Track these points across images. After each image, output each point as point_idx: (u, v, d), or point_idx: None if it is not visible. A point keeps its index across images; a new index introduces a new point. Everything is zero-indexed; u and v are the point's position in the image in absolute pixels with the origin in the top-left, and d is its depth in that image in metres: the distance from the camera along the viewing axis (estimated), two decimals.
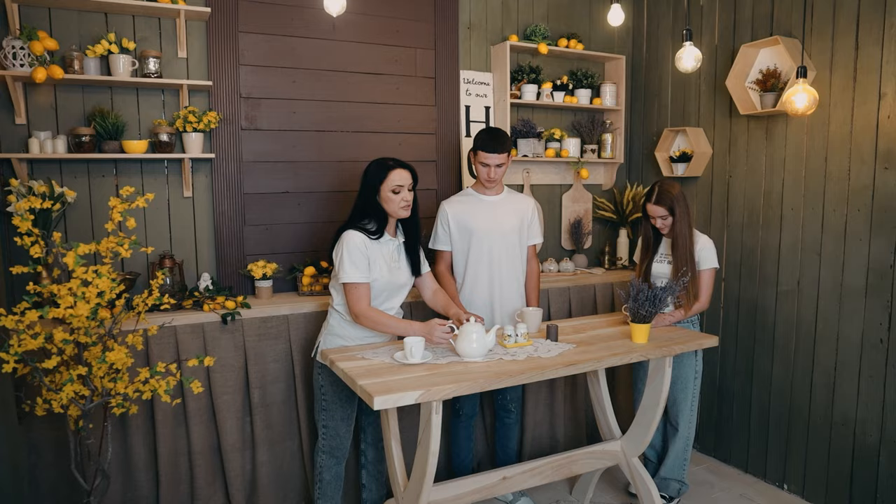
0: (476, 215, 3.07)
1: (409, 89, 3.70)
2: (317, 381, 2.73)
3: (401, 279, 2.71)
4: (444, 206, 3.12)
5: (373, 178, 2.62)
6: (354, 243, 2.56)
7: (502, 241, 3.09)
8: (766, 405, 3.56)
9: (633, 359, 2.68)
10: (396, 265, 2.69)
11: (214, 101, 3.22)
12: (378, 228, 2.64)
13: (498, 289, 3.11)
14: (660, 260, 3.18)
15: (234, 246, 3.33)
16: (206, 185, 3.28)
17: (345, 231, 2.60)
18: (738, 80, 3.52)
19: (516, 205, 3.16)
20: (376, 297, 2.66)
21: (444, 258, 3.15)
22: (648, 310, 2.70)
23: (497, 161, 2.97)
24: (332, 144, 3.50)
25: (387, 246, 2.67)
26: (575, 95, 4.07)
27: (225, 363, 2.99)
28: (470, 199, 3.13)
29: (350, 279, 2.55)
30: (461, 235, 3.09)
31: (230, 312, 2.96)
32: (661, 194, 3.02)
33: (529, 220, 3.18)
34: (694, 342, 2.86)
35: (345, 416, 2.72)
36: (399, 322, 2.61)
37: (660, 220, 3.05)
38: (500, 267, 3.10)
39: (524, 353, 2.62)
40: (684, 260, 2.99)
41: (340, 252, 2.57)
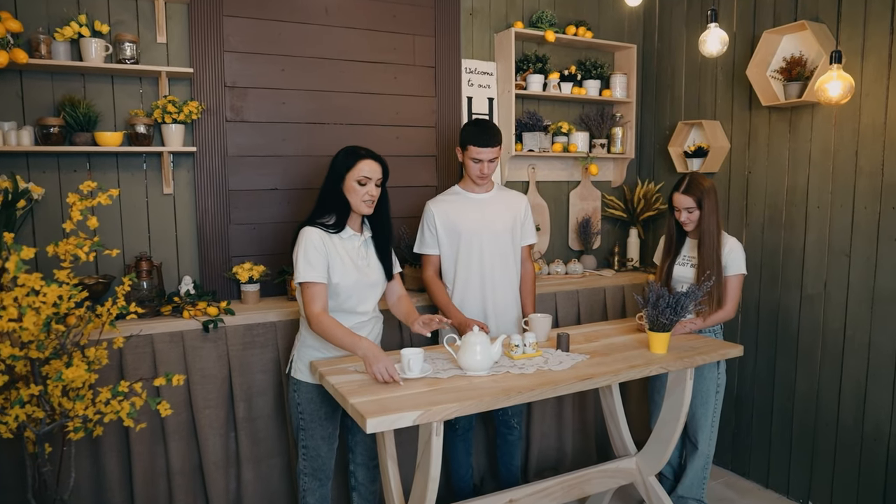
0: (464, 215, 2.83)
1: (407, 79, 3.46)
2: (292, 400, 2.48)
3: (371, 277, 2.46)
4: (429, 206, 2.87)
5: (340, 165, 2.39)
6: (310, 240, 2.31)
7: (494, 242, 2.85)
8: (788, 416, 3.32)
9: (652, 371, 2.44)
10: (365, 262, 2.45)
11: (196, 91, 2.97)
12: (337, 222, 2.39)
13: (491, 294, 2.87)
14: (682, 262, 2.94)
15: (219, 247, 3.09)
16: (188, 181, 3.05)
17: (301, 229, 2.37)
18: (760, 69, 3.29)
19: (508, 202, 2.92)
20: (346, 299, 2.40)
21: (433, 262, 2.90)
22: (670, 317, 2.47)
23: (490, 155, 2.75)
24: (325, 138, 3.26)
25: (351, 242, 2.42)
26: (583, 86, 3.83)
27: (207, 374, 2.75)
28: (457, 197, 2.88)
29: (304, 278, 2.29)
30: (449, 237, 2.84)
31: (212, 319, 2.72)
32: (690, 184, 2.80)
33: (523, 218, 2.95)
34: (717, 352, 2.63)
35: (325, 434, 2.47)
36: (347, 335, 2.29)
37: (685, 212, 2.81)
38: (493, 270, 2.86)
39: (533, 365, 2.39)
40: (710, 262, 2.76)
41: (296, 250, 2.34)
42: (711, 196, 2.78)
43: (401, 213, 3.45)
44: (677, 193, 2.83)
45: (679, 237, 2.97)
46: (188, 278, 2.96)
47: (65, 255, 1.84)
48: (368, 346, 2.24)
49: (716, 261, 2.78)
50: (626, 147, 4.00)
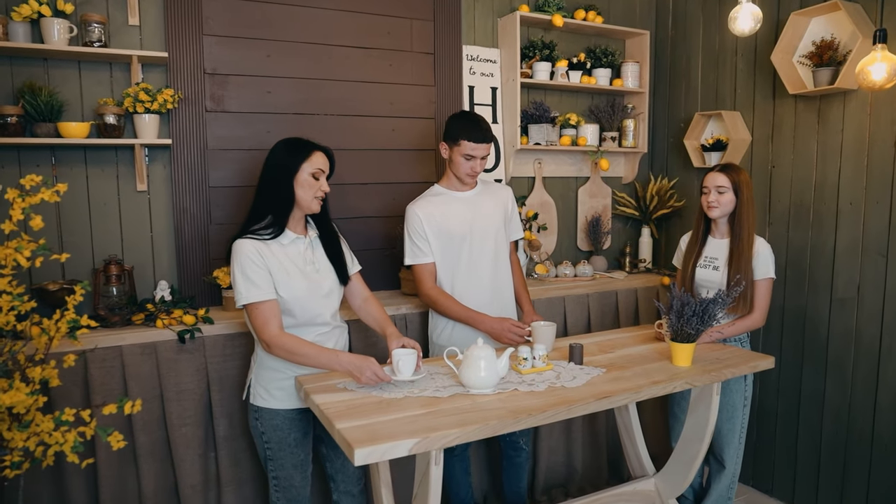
0: (454, 216, 2.56)
1: (404, 66, 3.20)
2: (255, 429, 2.20)
3: (324, 284, 2.17)
4: (412, 210, 2.56)
5: (290, 157, 2.10)
6: (245, 255, 2.02)
7: (490, 243, 2.60)
8: (816, 429, 3.07)
9: (676, 387, 2.19)
10: (313, 268, 2.16)
11: (173, 78, 2.72)
12: (274, 223, 2.09)
13: (495, 299, 2.62)
14: (704, 265, 2.69)
15: (199, 249, 2.84)
16: (165, 176, 2.79)
17: (233, 244, 2.07)
18: (786, 55, 3.03)
19: (495, 196, 2.67)
20: (300, 313, 2.12)
21: (430, 273, 2.58)
22: (696, 327, 2.21)
23: (485, 152, 2.49)
24: (313, 130, 3.00)
25: (294, 247, 2.13)
26: (593, 75, 3.57)
27: (183, 389, 2.50)
28: (443, 198, 2.59)
29: (250, 299, 2.01)
30: (441, 242, 2.55)
31: (188, 329, 2.47)
32: (729, 165, 2.62)
33: (510, 211, 2.72)
34: (746, 364, 2.37)
35: (297, 462, 2.20)
36: (322, 352, 2.06)
37: (715, 192, 2.57)
38: (493, 272, 2.62)
39: (544, 381, 2.14)
40: (743, 262, 2.52)
41: (232, 270, 2.05)
42: (749, 187, 2.58)
43: (396, 211, 3.19)
44: (711, 173, 2.62)
45: (703, 236, 2.72)
46: (164, 283, 2.71)
47: (5, 259, 1.58)
48: (349, 359, 2.03)
49: (748, 262, 2.54)
50: (639, 140, 3.75)
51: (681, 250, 2.82)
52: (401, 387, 2.06)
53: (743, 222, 2.57)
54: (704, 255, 2.70)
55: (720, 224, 2.66)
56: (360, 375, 2.01)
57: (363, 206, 3.15)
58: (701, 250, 2.71)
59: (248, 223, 2.12)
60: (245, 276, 2.01)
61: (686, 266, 2.73)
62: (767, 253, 2.59)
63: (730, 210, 2.60)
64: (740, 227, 2.56)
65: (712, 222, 2.69)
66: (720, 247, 2.66)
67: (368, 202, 3.17)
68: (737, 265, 2.55)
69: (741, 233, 2.56)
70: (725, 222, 2.64)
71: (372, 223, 3.17)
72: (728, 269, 2.58)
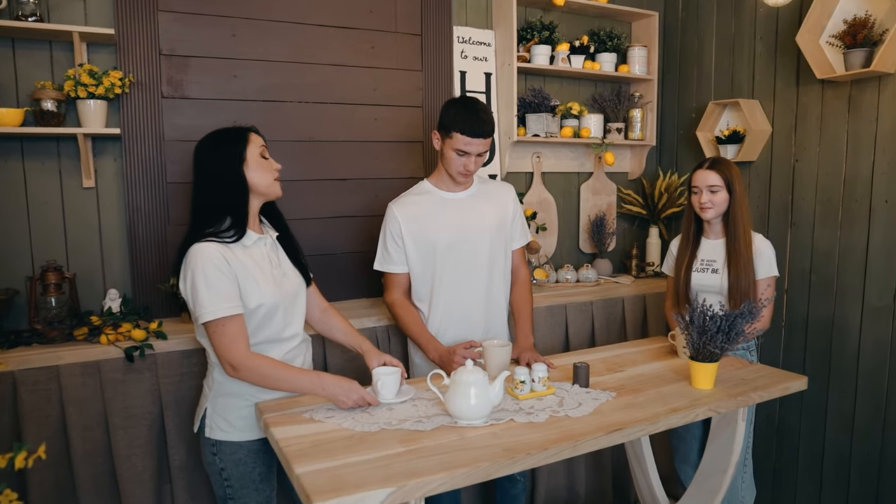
0: (439, 221, 2.20)
1: (388, 49, 2.88)
2: (212, 465, 1.86)
3: (292, 287, 1.89)
4: (391, 209, 2.23)
5: (229, 146, 1.78)
6: (209, 261, 1.69)
7: (481, 254, 2.23)
8: (845, 453, 2.77)
9: (699, 415, 1.88)
10: (280, 271, 1.87)
11: (124, 59, 2.40)
12: (235, 223, 1.78)
13: (480, 320, 2.28)
14: (701, 268, 2.40)
15: (155, 252, 2.52)
16: (115, 171, 2.47)
17: (190, 247, 1.73)
18: (812, 36, 2.72)
19: (493, 198, 2.29)
20: (267, 324, 1.81)
21: (399, 283, 2.25)
22: (721, 345, 1.90)
23: (481, 148, 2.10)
24: (286, 119, 2.69)
25: (257, 248, 1.83)
26: (597, 60, 3.26)
27: (132, 414, 2.19)
28: (428, 198, 2.23)
29: (217, 314, 1.68)
30: (420, 251, 2.21)
31: (138, 346, 2.15)
32: (717, 161, 2.35)
33: (512, 214, 2.32)
34: (777, 386, 2.06)
35: (262, 499, 1.88)
36: (301, 374, 1.77)
37: (707, 192, 2.31)
38: (487, 289, 2.26)
39: (544, 408, 1.83)
40: (744, 262, 2.26)
41: (190, 279, 1.70)
42: (741, 181, 2.32)
43: (378, 210, 2.87)
44: (700, 170, 2.35)
45: (695, 237, 2.44)
46: (114, 292, 2.40)
47: None
48: (334, 382, 1.77)
49: (748, 261, 2.27)
50: (646, 132, 3.43)
51: (672, 255, 2.53)
52: (376, 416, 1.75)
53: (738, 220, 2.32)
54: (700, 258, 2.43)
55: (714, 224, 2.39)
56: (347, 399, 1.76)
57: (341, 205, 2.83)
58: (695, 253, 2.43)
59: (199, 225, 1.79)
60: (210, 287, 1.68)
61: (679, 272, 2.44)
62: (769, 250, 2.35)
63: (724, 209, 2.33)
64: (735, 225, 2.32)
65: (704, 223, 2.41)
66: (716, 248, 2.39)
67: (347, 200, 2.85)
68: (736, 266, 2.30)
69: (737, 231, 2.32)
70: (719, 222, 2.39)
71: (351, 224, 2.86)
72: (728, 270, 2.30)
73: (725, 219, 2.34)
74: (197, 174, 1.80)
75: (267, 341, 1.83)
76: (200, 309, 1.69)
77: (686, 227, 2.45)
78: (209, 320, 1.69)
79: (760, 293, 2.26)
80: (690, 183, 2.36)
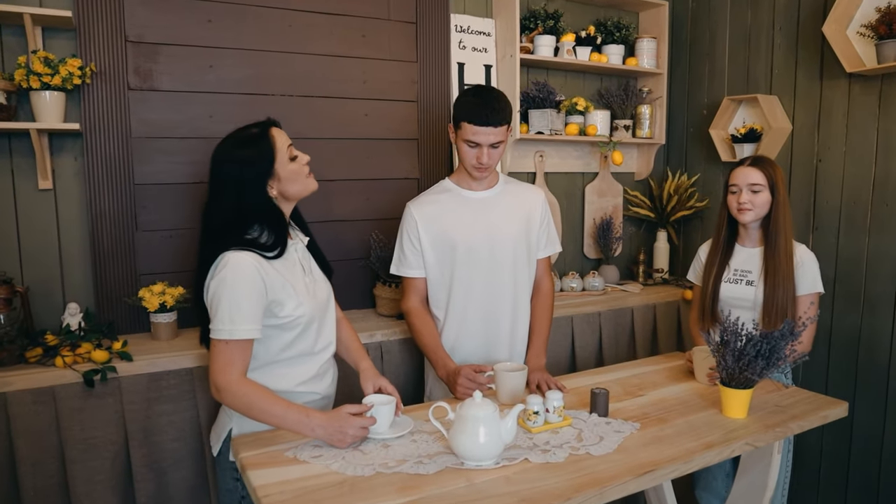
0: (459, 221, 2.00)
1: (380, 37, 2.64)
2: (231, 493, 1.64)
3: (323, 295, 1.75)
4: (409, 209, 2.06)
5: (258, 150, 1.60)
6: (242, 275, 1.52)
7: (503, 259, 2.03)
8: (872, 474, 2.58)
9: (735, 450, 1.66)
10: (311, 278, 1.72)
11: (84, 45, 2.15)
12: (278, 237, 1.62)
13: (500, 331, 2.07)
14: (734, 279, 2.17)
15: (121, 262, 2.27)
16: (76, 171, 2.22)
17: (224, 254, 1.54)
18: (840, 26, 2.52)
19: (519, 199, 2.08)
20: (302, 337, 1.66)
21: (416, 289, 2.06)
22: (761, 371, 1.69)
23: (493, 138, 1.89)
24: (268, 114, 2.36)
25: (290, 254, 1.67)
26: (604, 52, 3.04)
27: (93, 445, 1.94)
28: (448, 197, 2.05)
29: (234, 335, 1.51)
30: (438, 253, 2.02)
31: (98, 369, 1.90)
32: (761, 159, 2.11)
33: (540, 220, 2.11)
34: (816, 414, 1.84)
35: None
36: (290, 409, 1.54)
37: (747, 191, 2.07)
38: (505, 300, 2.05)
39: (562, 444, 1.60)
40: (782, 274, 2.03)
41: (215, 288, 1.53)
42: (785, 184, 2.09)
43: (372, 213, 2.65)
44: (741, 167, 2.11)
45: (728, 244, 2.21)
46: (74, 306, 2.15)
47: None
48: (321, 423, 1.54)
49: (788, 273, 2.04)
50: (655, 130, 3.22)
51: (700, 262, 2.30)
52: (370, 455, 1.52)
53: (780, 226, 2.08)
54: (732, 267, 2.19)
55: (751, 229, 2.15)
56: (343, 440, 1.54)
57: (329, 209, 2.59)
58: (726, 262, 2.20)
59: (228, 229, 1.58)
60: (234, 305, 1.51)
61: (707, 281, 2.21)
62: (812, 263, 2.11)
63: (765, 213, 2.09)
64: (777, 232, 2.08)
65: (740, 227, 2.18)
66: (752, 257, 2.15)
67: (335, 203, 2.60)
68: (774, 279, 2.07)
69: (778, 239, 2.08)
70: (757, 227, 2.14)
71: (339, 229, 2.61)
72: (764, 283, 2.08)
73: (765, 224, 2.11)
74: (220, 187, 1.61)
75: (301, 355, 1.68)
76: (217, 323, 1.52)
77: (718, 232, 2.21)
78: (221, 338, 1.51)
79: (802, 312, 2.04)
80: (728, 181, 2.13)
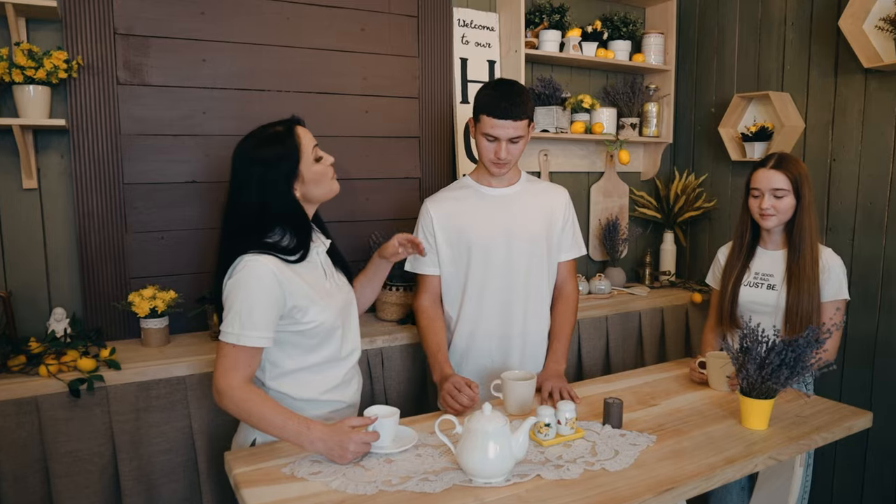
0: (477, 219, 1.93)
1: (379, 31, 2.55)
2: None
3: (344, 297, 1.71)
4: (426, 206, 1.99)
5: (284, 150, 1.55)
6: (259, 281, 1.47)
7: (519, 260, 1.94)
8: (889, 485, 2.49)
9: (758, 465, 1.58)
10: (333, 282, 1.68)
11: (71, 37, 2.05)
12: (301, 240, 1.58)
13: (514, 335, 1.98)
14: (755, 283, 2.08)
15: (110, 265, 2.17)
16: (63, 170, 2.13)
17: (243, 257, 1.49)
18: (857, 20, 2.43)
19: (541, 198, 2.00)
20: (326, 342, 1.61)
21: (429, 287, 1.99)
22: (785, 380, 1.60)
23: (512, 132, 1.82)
24: (262, 110, 2.35)
25: (313, 260, 1.63)
26: (610, 48, 2.95)
27: (79, 458, 1.85)
28: (467, 193, 1.98)
29: (239, 341, 1.46)
30: (454, 251, 1.95)
31: (85, 378, 1.81)
32: (784, 159, 1.99)
33: (563, 221, 2.02)
34: (839, 425, 1.76)
35: None
36: (290, 419, 1.46)
37: (770, 196, 1.97)
38: (519, 300, 1.97)
39: (575, 459, 1.51)
40: (806, 279, 1.94)
41: (230, 290, 1.49)
42: (811, 185, 1.98)
43: (371, 214, 2.56)
44: (763, 170, 2.00)
45: (749, 246, 2.11)
46: (60, 311, 2.05)
47: None
48: (321, 436, 1.45)
49: (814, 278, 1.95)
50: (663, 128, 3.13)
51: (719, 265, 2.21)
52: (373, 470, 1.42)
53: (805, 230, 1.98)
54: (753, 270, 2.10)
55: (774, 232, 2.06)
56: (343, 455, 1.44)
57: (326, 209, 2.47)
58: (747, 265, 2.11)
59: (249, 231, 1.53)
60: (246, 310, 1.46)
61: (726, 285, 2.12)
62: (839, 269, 2.02)
63: (788, 217, 2.00)
64: (801, 236, 1.98)
65: (762, 229, 2.08)
66: (774, 260, 2.06)
67: (333, 204, 2.45)
68: (799, 285, 1.97)
69: (802, 243, 1.98)
70: (781, 230, 2.05)
71: (337, 230, 2.45)
72: (787, 288, 1.98)
73: (789, 227, 2.01)
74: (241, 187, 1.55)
75: (326, 361, 1.64)
76: (227, 326, 1.48)
77: (739, 234, 2.11)
78: (230, 342, 1.46)
79: (827, 319, 1.95)
80: (749, 183, 2.03)
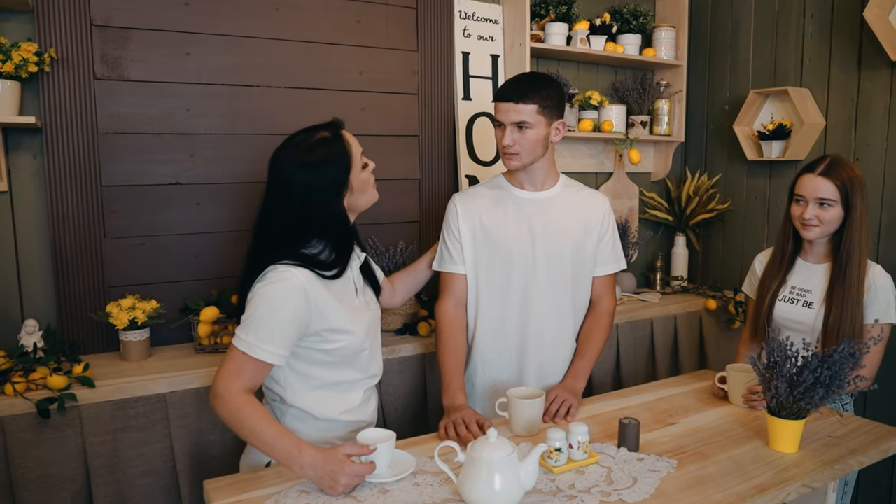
0: (506, 221, 1.78)
1: (377, 24, 2.41)
2: None
3: (373, 315, 1.63)
4: (455, 200, 1.85)
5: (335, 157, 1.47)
6: (287, 295, 1.39)
7: (547, 269, 1.79)
8: None
9: (791, 494, 1.43)
10: (362, 299, 1.59)
11: (43, 29, 1.91)
12: (340, 255, 1.50)
13: (538, 350, 1.83)
14: (791, 298, 1.90)
15: (87, 273, 2.03)
16: (36, 170, 1.99)
17: (276, 266, 1.41)
18: (882, 10, 2.30)
19: (578, 206, 1.83)
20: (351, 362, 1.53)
21: (455, 288, 1.83)
22: (820, 400, 1.45)
23: (514, 115, 1.66)
24: (254, 108, 2.22)
25: (346, 275, 1.53)
26: (619, 42, 2.81)
27: (49, 483, 1.71)
28: (498, 193, 1.83)
29: (250, 351, 1.37)
30: (479, 250, 1.80)
31: (55, 397, 1.67)
32: (835, 165, 1.77)
33: (600, 233, 1.85)
34: (876, 448, 1.61)
35: None
36: (281, 437, 1.34)
37: (815, 205, 1.77)
38: (546, 313, 1.81)
39: (590, 488, 1.37)
40: (851, 298, 1.75)
41: (254, 295, 1.41)
42: (863, 194, 1.76)
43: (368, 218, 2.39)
44: (810, 175, 1.78)
45: (790, 258, 1.93)
46: (33, 323, 1.91)
47: None
48: (312, 461, 1.32)
49: (858, 297, 1.77)
50: (674, 127, 2.99)
51: (755, 274, 2.04)
52: (367, 503, 1.29)
53: (854, 244, 1.77)
54: (790, 284, 1.92)
55: (816, 244, 1.87)
56: (334, 487, 1.30)
57: None
58: (786, 277, 1.93)
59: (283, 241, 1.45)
60: (265, 324, 1.38)
61: (762, 297, 1.95)
62: (889, 288, 1.81)
63: (834, 230, 1.81)
64: (849, 251, 1.77)
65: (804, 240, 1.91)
66: (814, 274, 1.87)
67: None
68: (842, 305, 1.77)
69: (850, 260, 1.77)
70: (825, 242, 1.87)
71: None
72: (828, 307, 1.81)
73: (835, 240, 1.82)
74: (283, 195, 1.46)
75: (350, 381, 1.56)
76: (242, 331, 1.40)
77: (780, 243, 1.92)
78: (242, 350, 1.38)
79: (868, 339, 1.78)
80: (793, 189, 1.84)
